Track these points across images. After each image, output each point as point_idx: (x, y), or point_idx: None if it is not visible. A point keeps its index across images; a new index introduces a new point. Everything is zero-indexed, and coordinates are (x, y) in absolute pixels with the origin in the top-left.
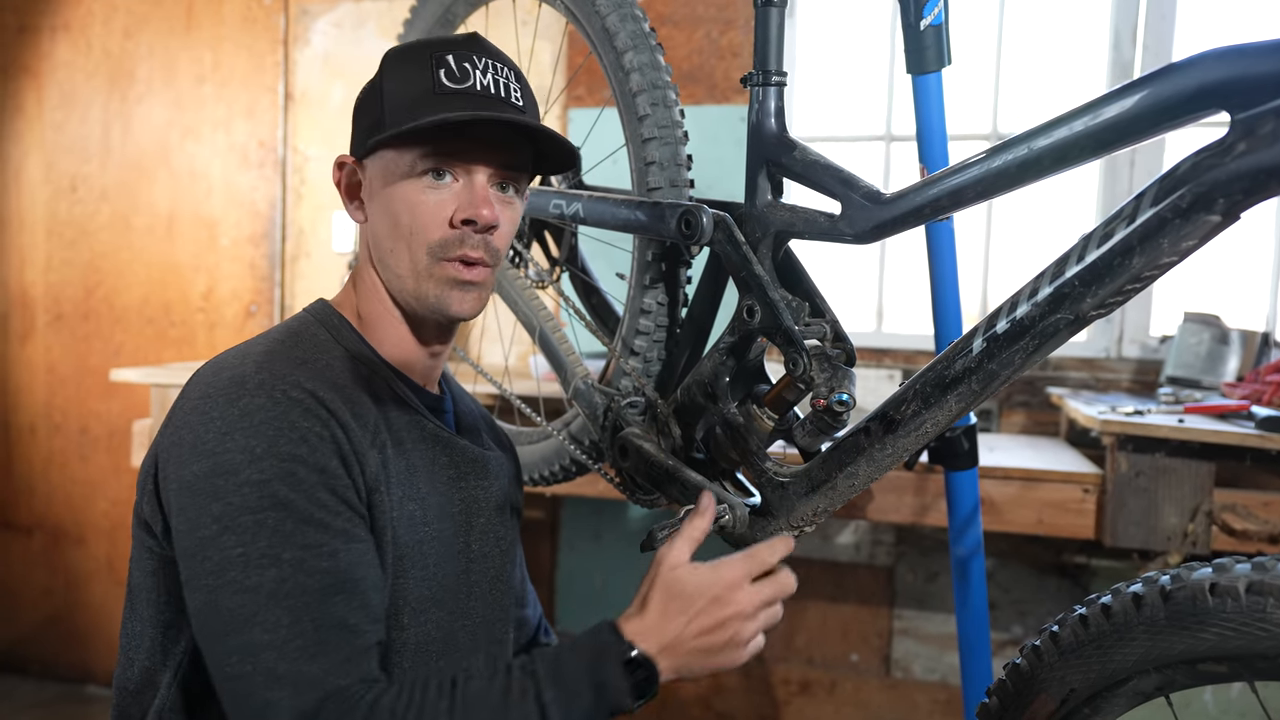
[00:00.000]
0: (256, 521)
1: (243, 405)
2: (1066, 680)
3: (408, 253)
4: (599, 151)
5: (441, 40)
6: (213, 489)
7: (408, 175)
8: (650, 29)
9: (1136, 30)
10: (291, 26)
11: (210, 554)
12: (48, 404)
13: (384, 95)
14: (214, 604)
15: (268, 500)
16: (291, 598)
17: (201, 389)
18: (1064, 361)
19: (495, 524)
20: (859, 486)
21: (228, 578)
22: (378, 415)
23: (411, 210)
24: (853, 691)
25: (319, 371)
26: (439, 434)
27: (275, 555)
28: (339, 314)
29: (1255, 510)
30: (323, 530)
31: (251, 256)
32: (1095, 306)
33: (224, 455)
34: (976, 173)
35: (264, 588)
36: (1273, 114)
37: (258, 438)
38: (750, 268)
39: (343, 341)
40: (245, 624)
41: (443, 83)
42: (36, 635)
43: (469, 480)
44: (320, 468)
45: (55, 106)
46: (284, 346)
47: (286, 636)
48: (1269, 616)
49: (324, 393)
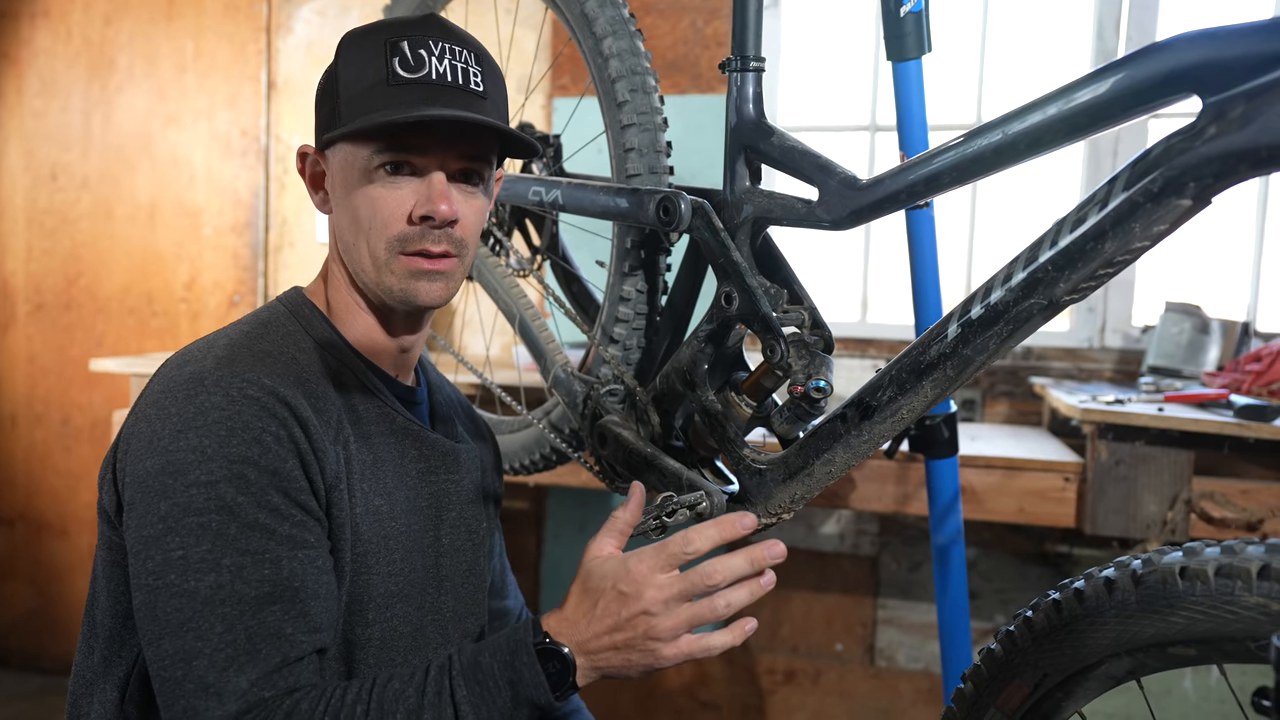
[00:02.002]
0: (200, 524)
1: (198, 403)
2: (1040, 665)
3: (367, 247)
4: (587, 140)
5: (398, 23)
6: (162, 487)
7: (365, 170)
8: (630, 15)
9: (1120, 19)
10: (274, 14)
11: (153, 554)
12: (29, 395)
13: (339, 84)
14: (152, 605)
15: (214, 503)
16: (227, 604)
17: (164, 382)
18: (1047, 351)
19: (468, 517)
20: (836, 473)
21: (167, 580)
22: (343, 408)
23: (370, 205)
24: (837, 680)
25: (283, 365)
26: (409, 427)
27: (215, 560)
28: (311, 303)
29: (1233, 498)
30: (267, 536)
31: (234, 246)
32: (1068, 291)
33: (176, 454)
34: (952, 158)
35: (201, 593)
36: (1242, 97)
37: (210, 437)
38: (728, 254)
39: (313, 332)
40: (180, 629)
41: (397, 72)
42: (19, 627)
43: (439, 474)
44: (272, 470)
45: (35, 94)
46: (249, 339)
47: (218, 645)
48: (1237, 600)
49: (284, 389)
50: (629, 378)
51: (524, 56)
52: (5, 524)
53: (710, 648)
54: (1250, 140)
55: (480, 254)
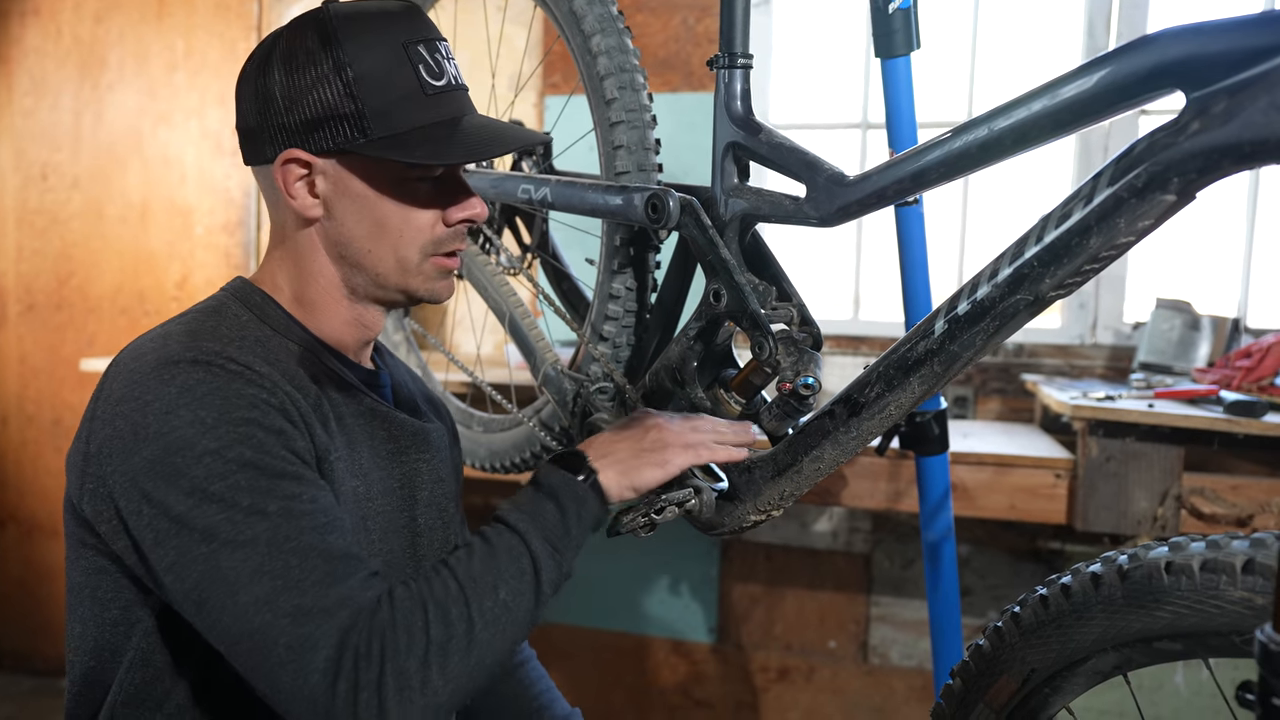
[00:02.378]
0: (230, 486)
1: (180, 382)
2: (1027, 660)
3: (394, 253)
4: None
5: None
6: (171, 469)
7: (398, 179)
8: (618, 12)
9: (1110, 15)
10: (265, 13)
11: (194, 526)
12: (20, 395)
13: (357, 87)
14: (213, 571)
15: (234, 464)
16: (290, 540)
17: (126, 377)
18: (1039, 348)
19: (439, 496)
20: (825, 470)
21: (220, 541)
22: (317, 391)
23: (404, 213)
24: (830, 678)
25: (249, 348)
26: (376, 408)
27: (261, 509)
28: (261, 291)
29: (1223, 494)
30: (296, 481)
31: (226, 245)
32: (1054, 287)
33: (173, 434)
34: (939, 154)
35: (260, 539)
36: (1225, 92)
37: (205, 409)
38: (716, 251)
39: (268, 320)
40: (253, 576)
41: (429, 82)
42: (10, 628)
43: (409, 454)
44: (276, 429)
45: (25, 93)
46: (206, 326)
47: (299, 575)
48: (1222, 594)
49: (260, 366)
50: (619, 375)
51: (514, 54)
52: None
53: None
54: (1233, 135)
55: (470, 252)
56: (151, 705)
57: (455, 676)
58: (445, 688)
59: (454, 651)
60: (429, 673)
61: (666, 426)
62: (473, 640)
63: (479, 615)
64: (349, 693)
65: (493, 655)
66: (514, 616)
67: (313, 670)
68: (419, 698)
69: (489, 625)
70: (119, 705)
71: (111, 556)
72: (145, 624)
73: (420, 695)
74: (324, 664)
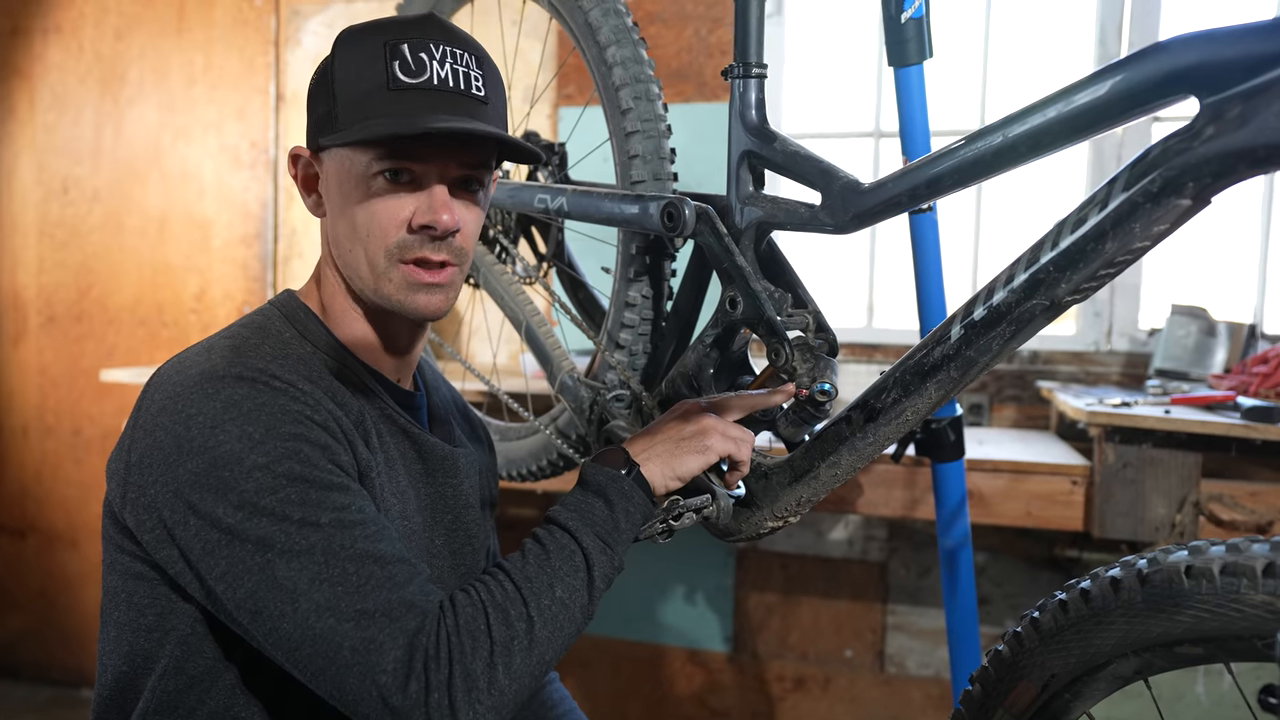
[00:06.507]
0: (280, 500)
1: (225, 397)
2: (1047, 666)
3: (365, 254)
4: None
5: (396, 23)
6: (219, 483)
7: (363, 176)
8: (633, 23)
9: (1122, 23)
10: (283, 28)
11: (246, 537)
12: (40, 406)
13: (335, 84)
14: (269, 580)
15: (283, 479)
16: (346, 548)
17: (169, 389)
18: (1054, 355)
19: (465, 521)
20: (842, 476)
21: (276, 550)
22: (359, 408)
23: (369, 212)
24: (847, 687)
25: (291, 365)
26: (409, 429)
27: (314, 521)
28: (305, 306)
29: (1242, 500)
30: (345, 493)
31: (244, 257)
32: (1070, 292)
33: (220, 448)
34: (953, 161)
35: (316, 549)
36: (1239, 98)
37: (253, 424)
38: (732, 259)
39: (310, 336)
40: (311, 584)
41: (398, 77)
42: (29, 638)
43: (436, 477)
44: (322, 444)
45: (47, 108)
46: (250, 342)
47: (359, 581)
48: (1243, 598)
49: (303, 384)
50: (635, 383)
51: (530, 67)
52: (16, 535)
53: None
54: (1247, 140)
55: (487, 261)
56: (184, 713)
57: (519, 675)
58: (510, 687)
59: (517, 651)
60: (495, 673)
61: (705, 415)
62: (533, 639)
63: (538, 614)
64: (420, 693)
65: (552, 652)
66: (570, 613)
67: (381, 671)
68: (486, 697)
69: (548, 623)
70: (150, 713)
71: (151, 564)
72: (181, 631)
73: (488, 695)
74: (393, 665)
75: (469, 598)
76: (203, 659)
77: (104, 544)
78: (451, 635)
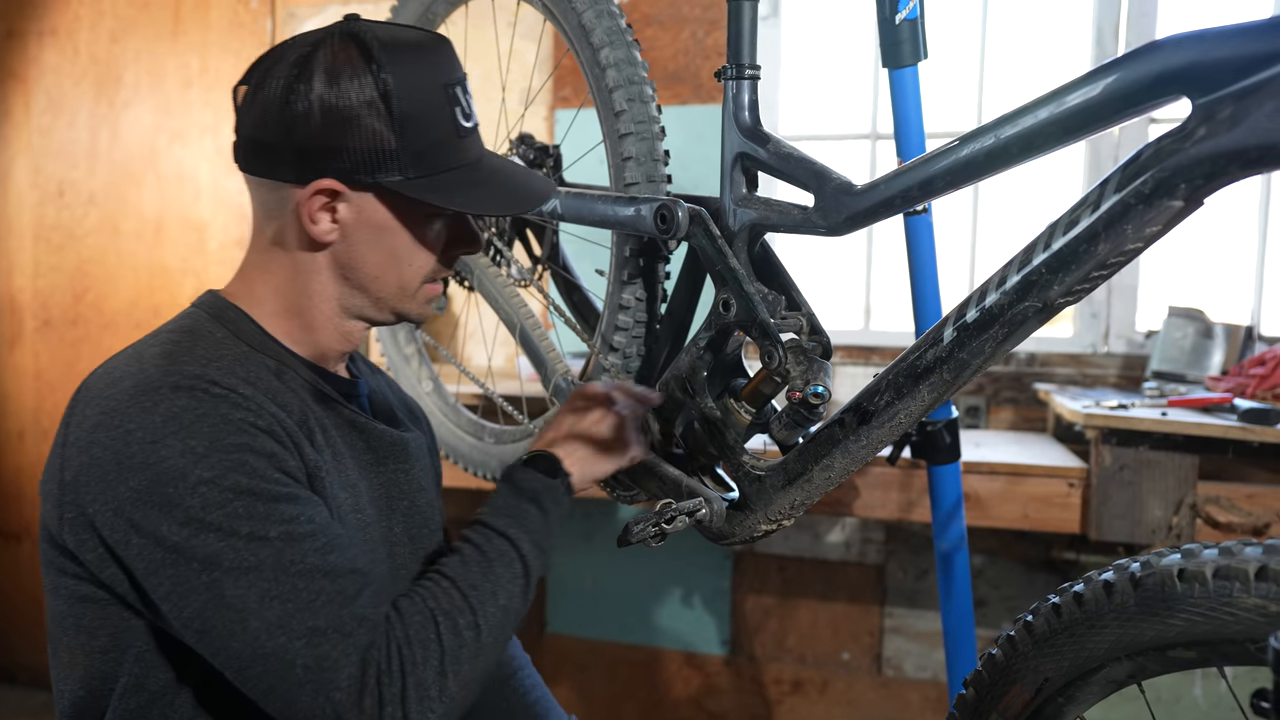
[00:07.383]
0: (228, 514)
1: (164, 410)
2: (1041, 670)
3: (399, 280)
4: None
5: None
6: (163, 500)
7: (422, 218)
8: (627, 25)
9: (1119, 24)
10: (278, 30)
11: (192, 555)
12: (36, 410)
13: (401, 123)
14: (217, 599)
15: (229, 493)
16: (295, 563)
17: (102, 403)
18: (1051, 357)
19: (419, 505)
20: (835, 479)
21: (223, 569)
22: (301, 406)
23: (415, 245)
24: (844, 690)
25: (228, 368)
26: (355, 419)
27: (262, 535)
28: (235, 306)
29: (1239, 502)
30: (293, 503)
31: (239, 259)
32: (1063, 294)
33: (162, 464)
34: (946, 162)
35: (265, 565)
36: (1231, 98)
37: (195, 437)
38: (725, 261)
39: (243, 336)
40: (261, 601)
41: (461, 124)
42: (24, 643)
43: (388, 465)
44: (268, 452)
45: (42, 111)
46: (181, 346)
47: (309, 597)
48: (1236, 601)
49: (243, 389)
50: None
51: (524, 68)
52: (12, 538)
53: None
54: (1239, 141)
55: (481, 264)
56: None
57: (467, 682)
58: (460, 694)
59: (465, 659)
60: (445, 681)
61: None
62: (480, 646)
63: (484, 622)
64: (374, 708)
65: (495, 656)
66: (510, 619)
67: (335, 689)
68: (438, 705)
69: (493, 630)
70: None
71: (97, 583)
72: (137, 648)
73: (439, 703)
74: (347, 682)
75: (415, 605)
76: (163, 673)
77: (44, 568)
78: (403, 647)
